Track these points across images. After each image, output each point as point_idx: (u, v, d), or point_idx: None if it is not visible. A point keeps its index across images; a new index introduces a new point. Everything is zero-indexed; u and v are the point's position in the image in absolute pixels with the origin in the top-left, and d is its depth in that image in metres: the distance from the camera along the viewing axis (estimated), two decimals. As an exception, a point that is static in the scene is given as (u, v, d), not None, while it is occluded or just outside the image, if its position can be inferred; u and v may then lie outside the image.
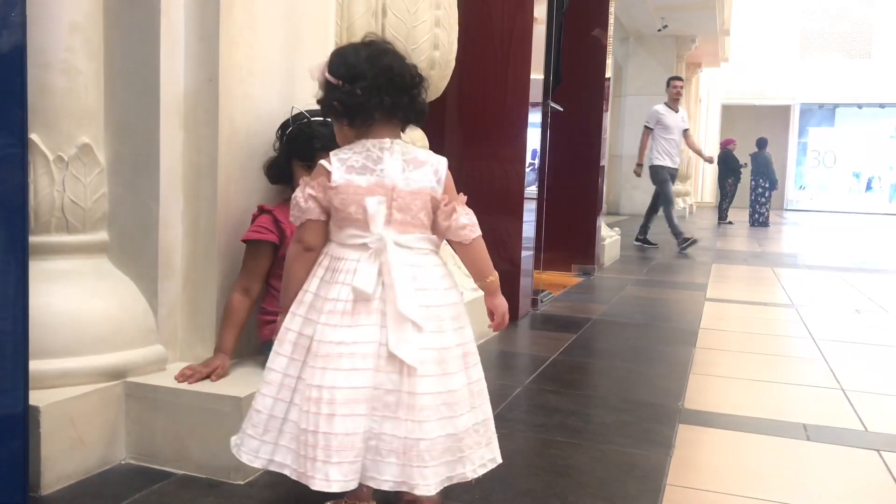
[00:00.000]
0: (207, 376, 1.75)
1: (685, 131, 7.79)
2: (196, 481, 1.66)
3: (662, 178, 7.55)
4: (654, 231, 7.98)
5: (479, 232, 1.45)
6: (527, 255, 3.81)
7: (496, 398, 2.36)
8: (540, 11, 3.85)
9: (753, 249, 8.33)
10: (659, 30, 13.42)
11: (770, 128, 20.13)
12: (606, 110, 5.84)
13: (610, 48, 5.85)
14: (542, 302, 4.11)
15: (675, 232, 7.48)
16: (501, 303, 1.51)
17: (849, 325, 4.02)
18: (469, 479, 1.36)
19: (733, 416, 2.33)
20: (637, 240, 7.92)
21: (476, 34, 3.65)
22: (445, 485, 1.33)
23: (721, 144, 14.18)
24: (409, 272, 1.34)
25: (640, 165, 7.84)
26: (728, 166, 13.52)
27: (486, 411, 1.42)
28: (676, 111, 7.69)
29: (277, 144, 1.91)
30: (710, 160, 9.16)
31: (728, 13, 13.93)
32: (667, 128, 7.56)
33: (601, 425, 2.17)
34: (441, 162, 1.43)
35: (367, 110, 1.37)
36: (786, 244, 9.76)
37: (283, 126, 1.90)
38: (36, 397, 1.50)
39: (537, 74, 3.86)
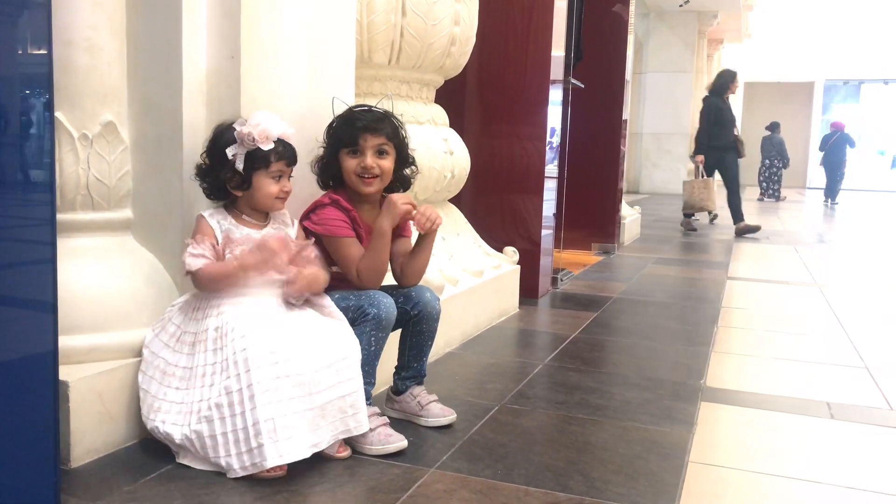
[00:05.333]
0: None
1: None
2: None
3: None
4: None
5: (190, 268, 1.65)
6: (547, 233, 3.80)
7: (517, 375, 2.38)
8: (561, -14, 3.80)
9: (775, 227, 8.23)
10: (680, 5, 13.18)
11: (793, 105, 19.79)
12: (627, 87, 5.78)
13: (631, 24, 5.77)
14: (561, 281, 4.10)
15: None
16: None
17: (873, 304, 3.97)
18: None
19: (756, 395, 2.31)
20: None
21: (496, 10, 3.62)
22: None
23: (833, 126, 14.06)
24: None
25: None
26: (842, 148, 13.68)
27: None
28: None
29: (323, 144, 1.89)
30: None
31: (751, -13, 13.70)
32: None
33: (623, 403, 2.17)
34: None
35: None
36: (808, 222, 9.63)
37: (329, 126, 1.89)
38: (64, 372, 1.53)
39: (558, 51, 3.82)
